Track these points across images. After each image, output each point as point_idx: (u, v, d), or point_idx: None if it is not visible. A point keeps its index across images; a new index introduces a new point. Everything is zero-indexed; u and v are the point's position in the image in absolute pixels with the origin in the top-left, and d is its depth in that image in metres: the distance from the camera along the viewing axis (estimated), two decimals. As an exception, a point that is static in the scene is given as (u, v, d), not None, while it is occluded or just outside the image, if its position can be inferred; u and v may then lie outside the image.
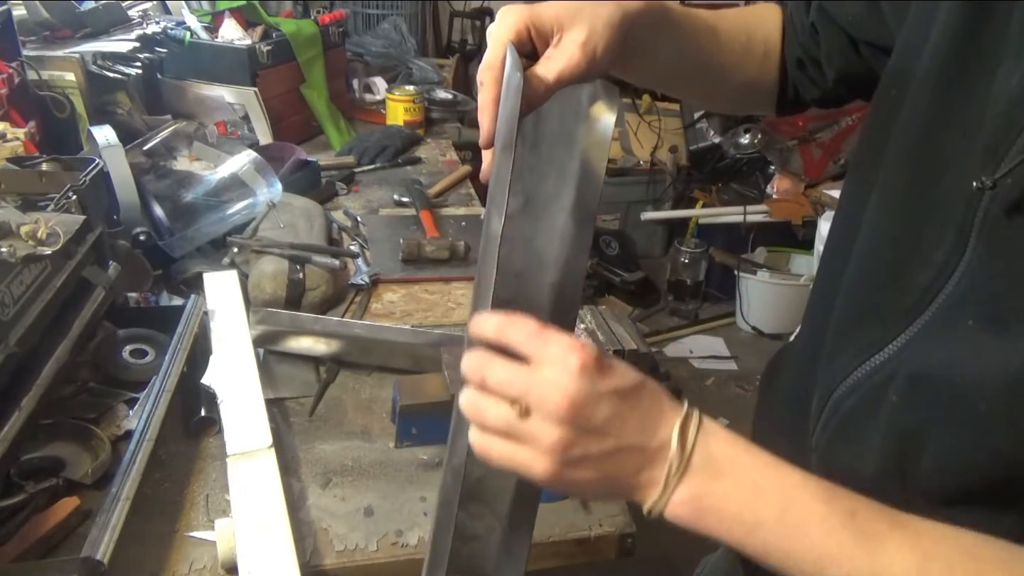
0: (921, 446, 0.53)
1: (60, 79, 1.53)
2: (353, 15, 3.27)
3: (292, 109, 2.02)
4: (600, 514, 0.93)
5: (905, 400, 0.55)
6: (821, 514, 0.49)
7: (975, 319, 0.50)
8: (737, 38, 0.74)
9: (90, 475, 0.89)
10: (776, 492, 0.50)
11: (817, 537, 0.48)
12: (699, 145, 3.59)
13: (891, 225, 0.59)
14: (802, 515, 0.49)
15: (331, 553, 0.86)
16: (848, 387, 0.60)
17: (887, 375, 0.57)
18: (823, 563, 0.48)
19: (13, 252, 0.81)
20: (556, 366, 0.50)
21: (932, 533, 0.48)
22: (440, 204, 1.78)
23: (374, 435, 1.04)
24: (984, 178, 0.49)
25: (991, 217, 0.49)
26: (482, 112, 0.57)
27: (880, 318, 0.58)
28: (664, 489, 0.50)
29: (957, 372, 0.51)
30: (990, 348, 0.49)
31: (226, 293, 1.15)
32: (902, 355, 0.56)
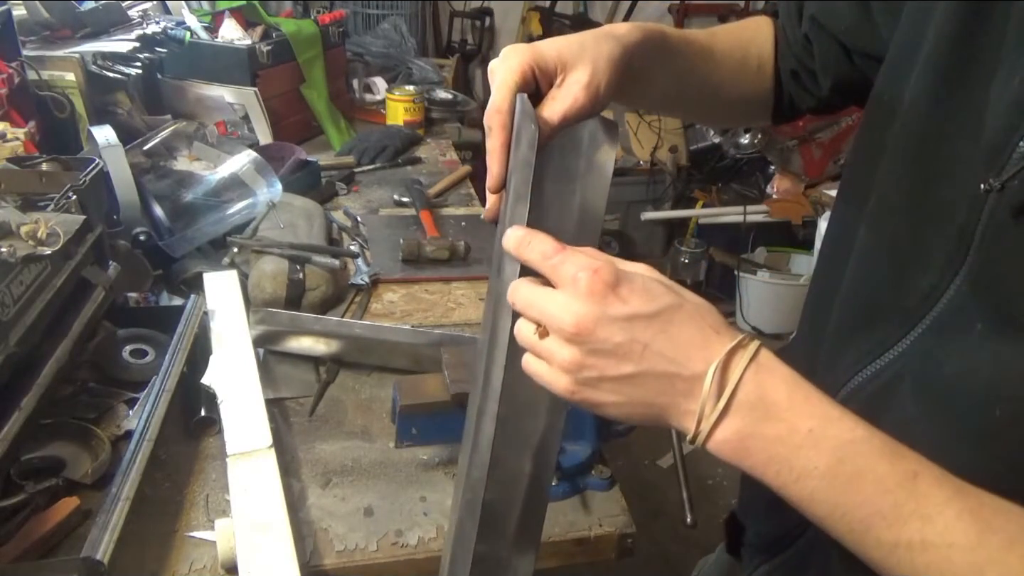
0: (932, 455, 0.51)
1: (60, 79, 1.53)
2: (353, 15, 3.27)
3: (292, 109, 2.02)
4: (600, 514, 0.93)
5: (914, 406, 0.54)
6: (880, 472, 0.46)
7: (984, 323, 0.50)
8: (732, 55, 0.75)
9: (90, 475, 0.89)
10: (834, 442, 0.47)
11: (871, 494, 0.46)
12: (699, 145, 3.60)
13: (891, 228, 0.59)
14: (859, 469, 0.46)
15: (331, 553, 0.86)
16: (850, 391, 0.60)
17: (891, 379, 0.56)
18: (872, 521, 0.46)
19: (13, 252, 0.81)
20: (567, 288, 0.50)
21: (995, 505, 0.45)
22: (440, 204, 1.78)
23: (374, 435, 1.04)
24: (992, 180, 0.48)
25: (997, 220, 0.49)
26: (491, 157, 0.58)
27: (882, 321, 0.57)
28: (699, 424, 0.48)
29: (970, 378, 0.50)
30: (1005, 353, 0.48)
31: (226, 293, 1.15)
32: (906, 359, 0.56)
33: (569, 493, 0.95)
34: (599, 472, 0.96)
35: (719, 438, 0.49)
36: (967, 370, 0.51)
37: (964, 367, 0.51)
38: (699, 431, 0.48)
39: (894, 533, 0.45)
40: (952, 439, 0.51)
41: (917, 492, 0.45)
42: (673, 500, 0.89)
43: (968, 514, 0.44)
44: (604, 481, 0.96)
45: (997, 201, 0.49)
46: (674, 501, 0.89)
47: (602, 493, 0.96)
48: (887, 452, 0.47)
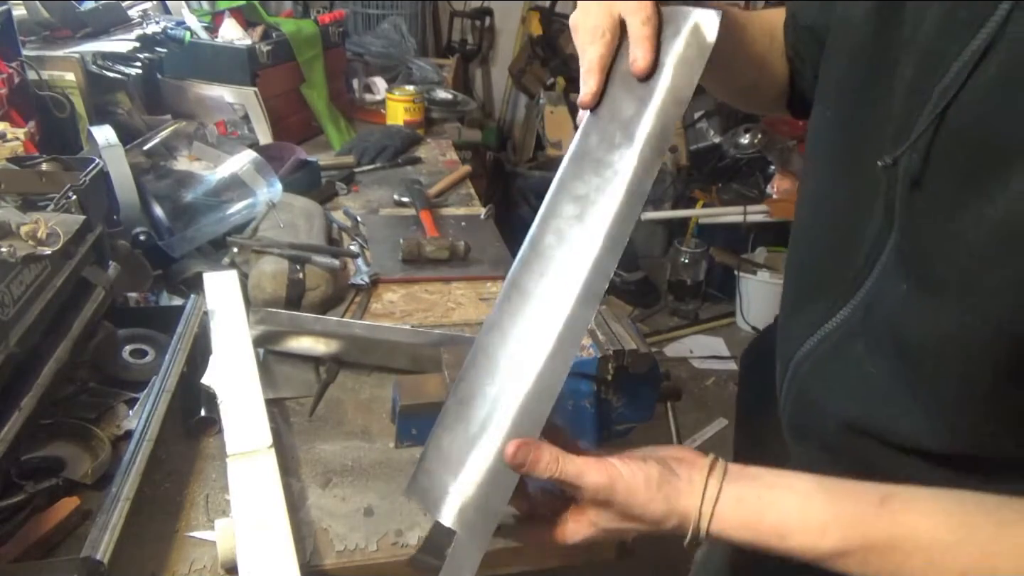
0: (884, 404, 0.59)
1: (60, 79, 1.53)
2: (353, 15, 3.27)
3: (292, 109, 2.02)
4: (600, 514, 0.93)
5: (861, 363, 0.61)
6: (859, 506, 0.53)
7: (908, 284, 0.56)
8: (763, 35, 0.79)
9: (90, 475, 0.89)
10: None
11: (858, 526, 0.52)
12: (699, 145, 3.59)
13: (828, 208, 0.67)
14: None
15: (331, 553, 0.86)
16: (803, 355, 0.67)
17: (838, 340, 0.64)
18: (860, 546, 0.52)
19: (13, 252, 0.81)
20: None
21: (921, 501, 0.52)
22: (440, 204, 1.78)
23: (374, 435, 1.04)
24: (887, 157, 0.55)
25: (904, 192, 0.55)
26: (588, 80, 0.61)
27: (828, 291, 0.65)
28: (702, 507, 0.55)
29: (904, 334, 0.56)
30: (926, 310, 0.54)
31: (226, 293, 1.15)
32: (850, 323, 0.62)
33: (569, 493, 0.95)
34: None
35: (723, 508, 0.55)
36: (901, 327, 0.57)
37: (898, 325, 0.57)
38: (699, 521, 0.55)
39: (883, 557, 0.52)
40: (898, 389, 0.58)
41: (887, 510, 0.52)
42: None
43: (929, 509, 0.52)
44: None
45: (897, 175, 0.55)
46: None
47: (602, 493, 0.96)
48: (838, 490, 0.55)
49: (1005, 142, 0.47)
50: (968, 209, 0.50)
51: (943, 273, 0.53)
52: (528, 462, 0.56)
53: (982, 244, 0.49)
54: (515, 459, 0.56)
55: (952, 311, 0.52)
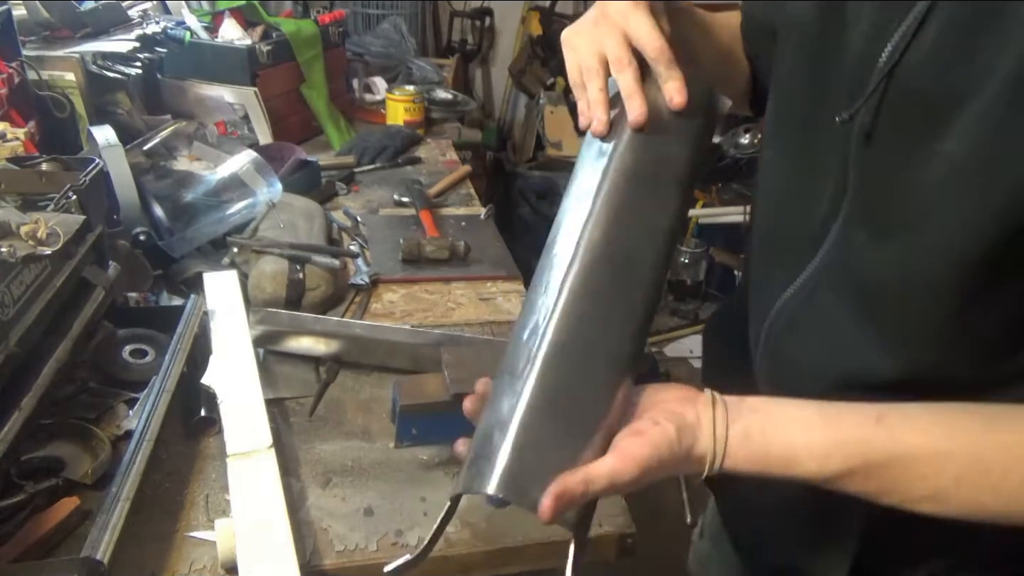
0: (846, 349, 0.64)
1: (60, 79, 1.53)
2: (353, 15, 3.27)
3: (292, 109, 2.02)
4: (600, 514, 0.93)
5: (830, 311, 0.66)
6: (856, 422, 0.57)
7: (868, 232, 0.61)
8: (728, 28, 0.84)
9: (90, 475, 0.89)
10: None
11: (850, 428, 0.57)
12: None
13: (787, 169, 0.72)
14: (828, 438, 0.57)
15: (331, 553, 0.86)
16: (776, 312, 0.71)
17: (809, 293, 0.68)
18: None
19: (13, 252, 0.81)
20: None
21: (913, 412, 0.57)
22: (440, 204, 1.78)
23: (374, 435, 1.04)
24: (844, 113, 0.60)
25: (857, 147, 0.60)
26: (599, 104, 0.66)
27: (792, 250, 0.69)
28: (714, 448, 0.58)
29: (867, 280, 0.62)
30: (887, 253, 0.59)
31: (226, 293, 1.15)
32: (817, 275, 0.67)
33: (569, 493, 0.95)
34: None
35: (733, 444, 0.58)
36: (864, 273, 0.62)
37: (861, 271, 0.62)
38: (714, 460, 0.58)
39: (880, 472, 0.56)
40: (867, 330, 0.63)
41: (883, 428, 0.56)
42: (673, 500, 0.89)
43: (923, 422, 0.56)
44: (604, 481, 0.96)
45: (851, 131, 0.60)
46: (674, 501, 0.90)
47: (602, 493, 0.96)
48: (835, 414, 0.58)
49: (945, 95, 0.53)
50: (916, 157, 0.55)
51: (898, 217, 0.58)
52: (565, 506, 0.56)
53: (931, 186, 0.55)
54: (554, 514, 0.56)
55: (910, 251, 0.57)
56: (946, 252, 0.55)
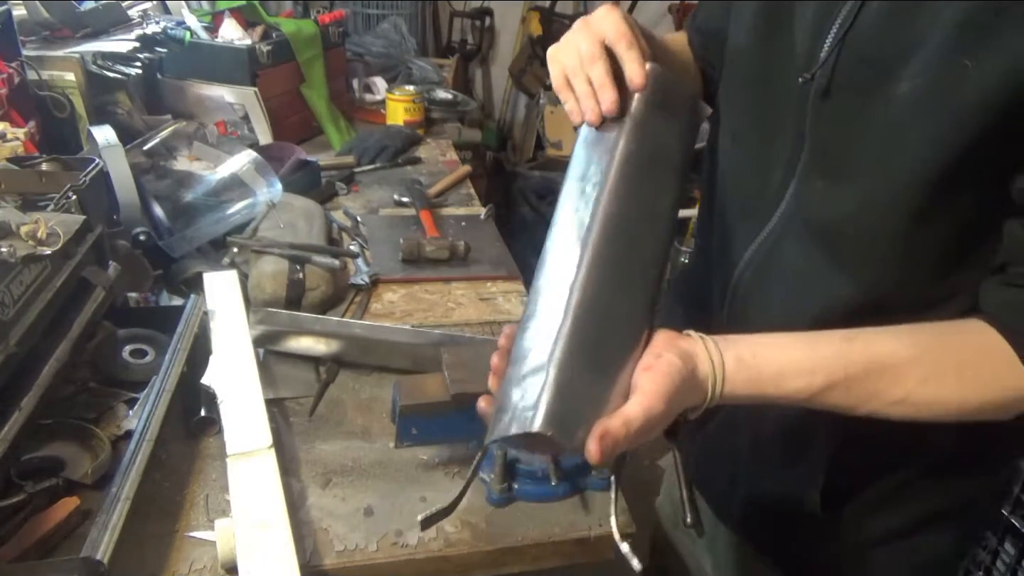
0: (814, 287, 0.73)
1: (60, 79, 1.53)
2: (353, 15, 3.27)
3: (292, 109, 2.02)
4: (600, 514, 0.93)
5: (792, 258, 0.75)
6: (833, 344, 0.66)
7: (823, 181, 0.71)
8: (680, 44, 0.96)
9: (90, 475, 0.89)
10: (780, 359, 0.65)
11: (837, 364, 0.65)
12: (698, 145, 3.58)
13: (745, 134, 0.81)
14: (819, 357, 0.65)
15: (331, 553, 0.86)
16: (742, 267, 0.81)
17: (771, 245, 0.77)
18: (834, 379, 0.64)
19: (13, 252, 0.81)
20: None
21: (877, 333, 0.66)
22: (440, 204, 1.78)
23: (374, 435, 1.04)
24: (805, 74, 0.70)
25: (814, 104, 0.70)
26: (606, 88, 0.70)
27: (755, 207, 0.78)
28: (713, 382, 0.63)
29: (826, 222, 0.71)
30: (844, 196, 0.69)
31: (226, 293, 1.15)
32: (779, 227, 0.76)
33: (569, 493, 0.95)
34: (599, 472, 0.96)
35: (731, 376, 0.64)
36: (822, 217, 0.71)
37: (820, 216, 0.72)
38: (715, 384, 0.63)
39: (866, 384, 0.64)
40: (829, 268, 0.72)
41: (856, 344, 0.65)
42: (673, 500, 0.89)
43: (888, 336, 0.66)
44: (604, 481, 0.96)
45: (810, 89, 0.70)
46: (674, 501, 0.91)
47: (602, 493, 0.96)
48: (812, 339, 0.66)
49: (892, 51, 0.64)
50: (868, 108, 0.66)
51: (854, 161, 0.68)
52: (611, 448, 0.59)
53: (887, 126, 0.64)
54: (603, 456, 0.59)
55: (867, 189, 0.67)
56: (902, 181, 0.64)
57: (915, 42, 0.62)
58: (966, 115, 0.60)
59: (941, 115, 0.61)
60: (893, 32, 0.64)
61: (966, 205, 0.64)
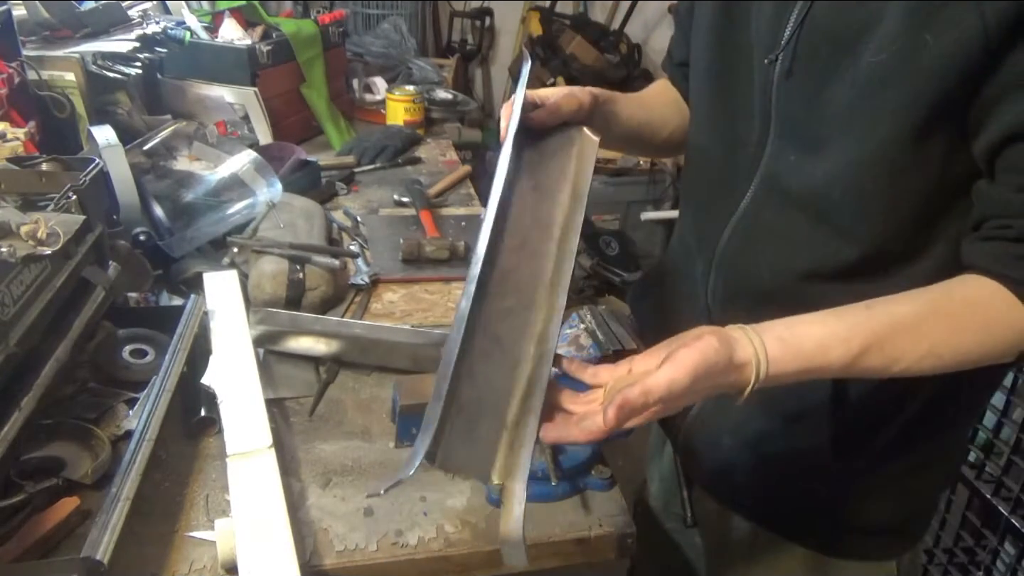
0: (795, 251, 0.79)
1: (60, 79, 1.53)
2: (353, 15, 3.27)
3: (292, 109, 2.02)
4: (600, 514, 0.93)
5: (771, 228, 0.81)
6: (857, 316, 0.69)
7: (796, 152, 0.77)
8: (660, 102, 1.04)
9: (90, 475, 0.89)
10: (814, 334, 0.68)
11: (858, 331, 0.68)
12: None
13: (715, 115, 0.88)
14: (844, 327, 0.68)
15: (331, 553, 0.86)
16: (725, 241, 0.87)
17: (751, 218, 0.83)
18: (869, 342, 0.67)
19: (13, 252, 0.81)
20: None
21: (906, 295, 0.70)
22: (440, 204, 1.78)
23: (374, 435, 1.04)
24: (770, 56, 0.77)
25: (779, 85, 0.77)
26: (503, 120, 0.80)
27: (729, 184, 0.85)
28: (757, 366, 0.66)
29: (801, 190, 0.77)
30: (816, 164, 0.75)
31: (226, 293, 1.15)
32: (756, 200, 0.82)
33: (569, 493, 0.95)
34: (599, 472, 0.96)
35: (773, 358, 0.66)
36: (798, 185, 0.77)
37: (796, 185, 0.78)
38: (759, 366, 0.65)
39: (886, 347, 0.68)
40: (812, 233, 0.77)
41: (877, 310, 0.69)
42: (673, 500, 0.89)
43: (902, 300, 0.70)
44: (604, 481, 0.96)
45: (773, 72, 0.77)
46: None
47: (602, 493, 0.96)
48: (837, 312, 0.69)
49: (849, 30, 0.70)
50: (831, 83, 0.72)
51: (821, 131, 0.74)
52: (627, 417, 0.62)
53: (850, 102, 0.70)
54: (618, 424, 0.61)
55: (837, 157, 0.73)
56: (875, 144, 0.70)
57: (871, 20, 0.68)
58: (927, 83, 0.66)
59: (905, 83, 0.67)
60: (849, 12, 0.70)
61: (937, 159, 0.70)
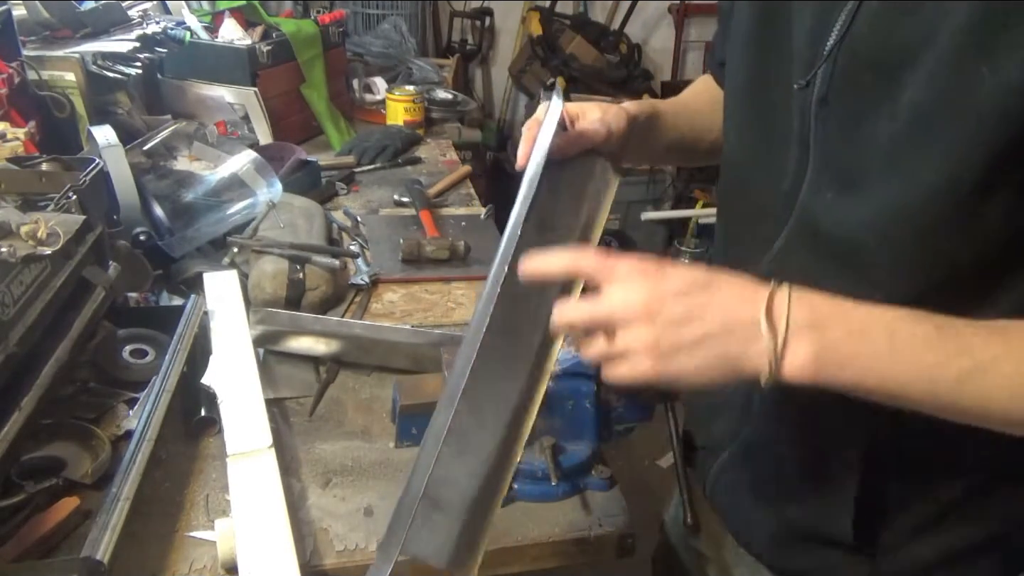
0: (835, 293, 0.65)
1: (60, 79, 1.53)
2: (353, 15, 3.26)
3: (292, 109, 2.02)
4: (600, 514, 0.93)
5: (806, 271, 0.68)
6: (919, 333, 0.56)
7: (832, 191, 0.67)
8: (703, 106, 0.94)
9: (90, 475, 0.89)
10: (879, 328, 0.57)
11: (924, 351, 0.56)
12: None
13: (749, 140, 0.78)
14: (906, 339, 0.56)
15: (331, 553, 0.86)
16: (764, 269, 0.74)
17: (783, 258, 0.73)
18: (935, 372, 0.56)
19: (13, 252, 0.81)
20: (624, 282, 0.59)
21: (995, 326, 0.57)
22: (440, 204, 1.78)
23: (374, 435, 1.04)
24: (800, 80, 0.67)
25: (815, 113, 0.67)
26: (523, 143, 0.74)
27: (763, 216, 0.74)
28: (772, 357, 0.56)
29: (840, 233, 0.66)
30: (856, 206, 0.65)
31: (226, 293, 1.15)
32: (791, 240, 0.72)
33: (569, 493, 0.95)
34: (599, 472, 0.96)
35: (794, 364, 0.56)
36: (835, 229, 0.67)
37: (833, 227, 0.67)
38: (772, 363, 0.56)
39: (953, 372, 0.55)
40: (847, 282, 0.63)
41: (950, 335, 0.56)
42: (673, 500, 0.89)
43: (987, 336, 0.56)
44: (604, 481, 0.96)
45: (808, 98, 0.67)
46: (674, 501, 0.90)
47: (602, 493, 0.96)
48: (915, 317, 0.57)
49: (893, 54, 0.60)
50: (871, 116, 0.62)
51: (860, 170, 0.64)
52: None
53: (893, 135, 0.60)
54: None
55: (875, 201, 0.63)
56: (917, 192, 0.60)
57: (920, 45, 0.58)
58: (983, 126, 0.55)
59: (954, 126, 0.57)
60: (895, 34, 0.60)
61: (997, 212, 0.59)
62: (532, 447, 0.94)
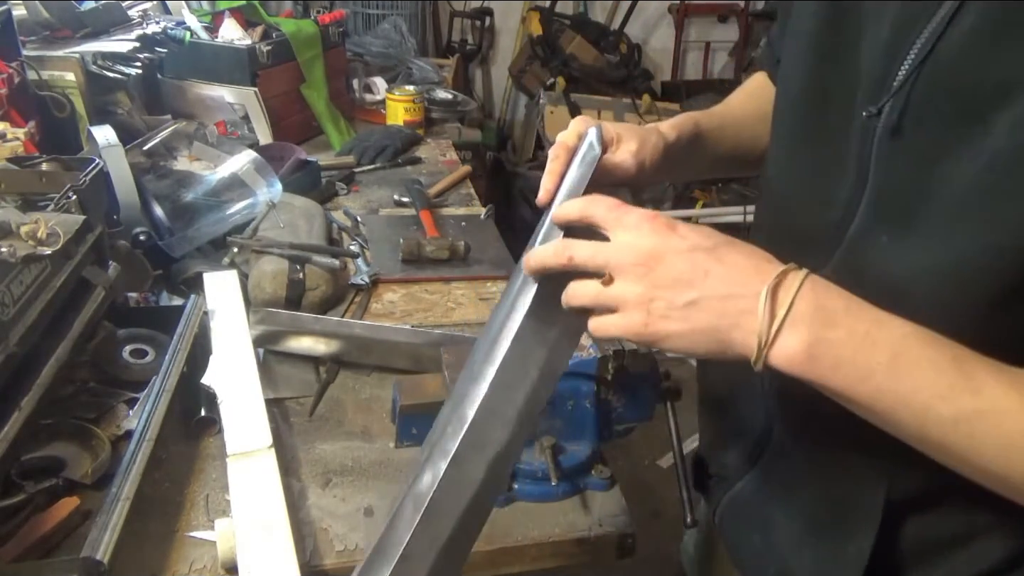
0: None
1: (60, 79, 1.53)
2: (353, 15, 3.27)
3: (292, 109, 2.02)
4: (600, 514, 0.93)
5: None
6: (930, 357, 0.51)
7: (888, 235, 0.60)
8: (751, 113, 0.86)
9: (90, 475, 0.89)
10: (887, 339, 0.52)
11: (929, 378, 0.51)
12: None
13: (798, 168, 0.70)
14: (913, 359, 0.51)
15: (331, 553, 0.86)
16: None
17: None
18: (932, 402, 0.50)
19: (13, 252, 0.81)
20: (631, 231, 0.56)
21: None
22: (440, 204, 1.78)
23: (374, 435, 1.04)
24: (871, 108, 0.59)
25: (881, 143, 0.59)
26: (548, 176, 0.66)
27: (805, 250, 0.63)
28: (764, 339, 0.52)
29: (891, 280, 0.59)
30: (912, 253, 0.57)
31: (226, 293, 1.15)
32: (837, 273, 0.62)
33: (569, 493, 0.95)
34: (599, 472, 0.96)
35: (785, 352, 0.52)
36: (887, 275, 0.59)
37: (884, 273, 0.59)
38: (762, 345, 0.52)
39: (952, 408, 0.50)
40: None
41: (964, 371, 0.51)
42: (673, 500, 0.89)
43: (1008, 385, 0.50)
44: (604, 481, 0.96)
45: (875, 127, 0.59)
46: (674, 501, 0.90)
47: (602, 493, 0.96)
48: (932, 341, 0.52)
49: (984, 89, 0.52)
50: (948, 157, 0.54)
51: (926, 216, 0.56)
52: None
53: (968, 182, 0.53)
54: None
55: (936, 249, 0.56)
56: (985, 247, 0.53)
57: (1014, 80, 0.50)
58: None
59: None
60: (989, 63, 0.52)
61: None
62: (532, 447, 0.94)
